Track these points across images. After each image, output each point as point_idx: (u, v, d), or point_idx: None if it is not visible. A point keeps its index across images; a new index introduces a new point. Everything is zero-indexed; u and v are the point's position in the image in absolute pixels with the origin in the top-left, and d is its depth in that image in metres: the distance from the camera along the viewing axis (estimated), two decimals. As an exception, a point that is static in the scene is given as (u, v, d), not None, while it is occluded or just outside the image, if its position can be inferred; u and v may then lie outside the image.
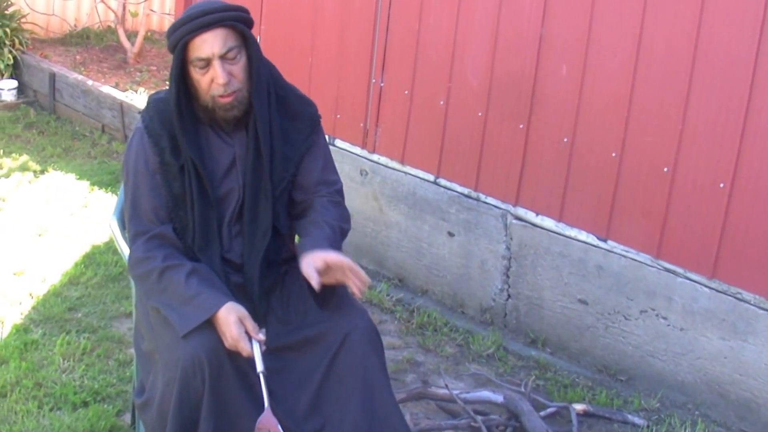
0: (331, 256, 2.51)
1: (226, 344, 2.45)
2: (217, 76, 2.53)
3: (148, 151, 2.61)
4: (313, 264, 2.49)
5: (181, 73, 2.56)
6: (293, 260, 2.74)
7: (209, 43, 2.52)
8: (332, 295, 2.63)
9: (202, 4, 2.57)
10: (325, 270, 2.50)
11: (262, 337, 2.47)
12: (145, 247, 2.58)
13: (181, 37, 2.53)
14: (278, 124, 2.68)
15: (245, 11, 2.62)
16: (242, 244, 2.68)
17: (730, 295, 3.53)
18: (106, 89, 6.79)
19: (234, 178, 2.67)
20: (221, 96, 2.56)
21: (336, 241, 2.65)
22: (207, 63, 2.53)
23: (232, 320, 2.44)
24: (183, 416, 2.45)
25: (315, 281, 2.47)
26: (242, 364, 2.50)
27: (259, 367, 2.44)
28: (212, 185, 2.63)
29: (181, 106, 2.58)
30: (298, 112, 2.76)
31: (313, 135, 2.78)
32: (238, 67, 2.57)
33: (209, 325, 2.46)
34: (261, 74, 2.62)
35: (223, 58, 2.53)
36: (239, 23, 2.57)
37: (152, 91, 6.95)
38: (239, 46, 2.57)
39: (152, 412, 2.52)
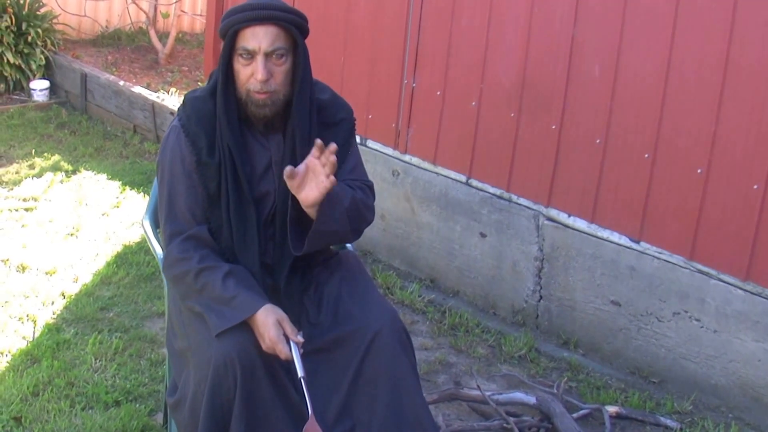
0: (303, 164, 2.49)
1: (264, 346, 2.44)
2: (256, 71, 2.52)
3: (184, 150, 2.60)
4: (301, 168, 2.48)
5: (228, 59, 2.56)
6: (326, 262, 2.74)
7: (258, 37, 2.52)
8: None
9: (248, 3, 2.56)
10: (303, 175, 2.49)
11: (300, 339, 2.46)
12: (181, 247, 2.57)
13: (234, 23, 2.52)
14: (316, 132, 2.66)
15: (304, 19, 2.60)
16: (274, 247, 2.68)
17: (764, 298, 3.49)
18: (138, 90, 6.83)
19: (270, 182, 2.66)
20: (257, 92, 2.55)
21: (345, 195, 2.61)
22: (251, 56, 2.52)
23: (271, 322, 2.44)
24: (215, 415, 2.45)
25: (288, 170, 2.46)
26: (275, 366, 2.50)
27: (300, 371, 2.43)
28: (250, 184, 2.62)
29: (226, 92, 2.57)
30: (336, 120, 2.74)
31: (347, 145, 2.75)
32: (281, 70, 2.56)
33: (243, 326, 2.46)
34: (305, 83, 2.61)
35: (268, 55, 2.53)
36: (294, 27, 2.56)
37: (184, 92, 6.99)
38: (287, 50, 2.56)
39: (184, 412, 2.53)
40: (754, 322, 3.52)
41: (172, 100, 6.71)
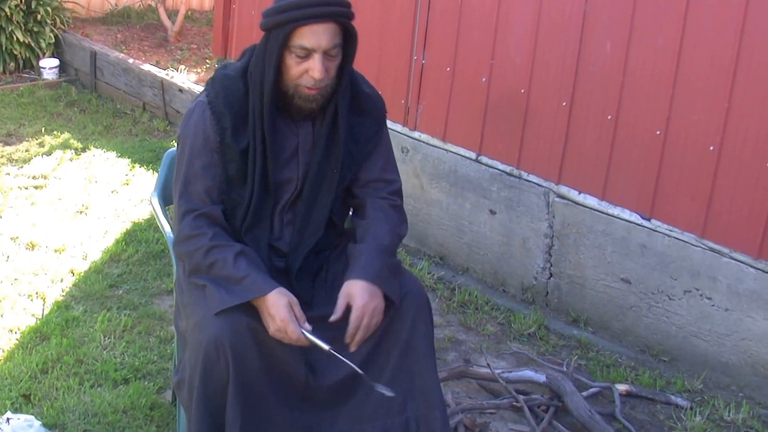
0: (356, 307, 2.46)
1: (273, 328, 2.40)
2: (314, 70, 2.46)
3: (208, 128, 2.54)
4: (343, 302, 2.48)
5: (280, 53, 2.48)
6: (339, 244, 2.73)
7: (318, 36, 2.45)
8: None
9: None
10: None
11: (308, 326, 2.42)
12: (194, 224, 2.53)
13: (290, 20, 2.44)
14: (349, 121, 2.63)
15: (351, 8, 2.56)
16: (292, 233, 2.65)
17: (777, 276, 3.47)
18: (147, 67, 6.81)
19: (294, 168, 2.62)
20: (308, 87, 2.49)
21: (382, 270, 2.56)
22: (308, 53, 2.46)
23: (283, 303, 2.40)
24: (207, 400, 2.43)
25: (334, 316, 2.47)
26: (270, 350, 2.46)
27: (324, 345, 2.39)
28: (274, 171, 2.58)
29: (277, 88, 2.51)
30: (368, 109, 2.70)
31: (379, 133, 2.73)
32: (333, 65, 2.51)
33: (236, 311, 2.42)
34: (349, 74, 2.58)
35: (325, 53, 2.47)
36: (349, 22, 2.52)
37: (194, 70, 6.98)
38: (340, 45, 2.52)
39: (184, 393, 2.51)
40: (766, 300, 3.50)
41: (182, 77, 6.69)
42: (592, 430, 3.18)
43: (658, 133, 3.71)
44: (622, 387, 3.52)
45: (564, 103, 3.99)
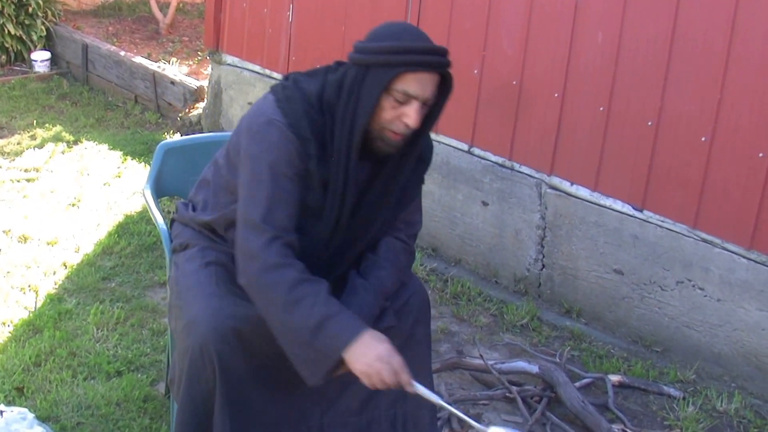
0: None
1: (385, 372, 2.24)
2: (410, 119, 2.36)
3: (292, 152, 2.39)
4: None
5: (379, 93, 2.36)
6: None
7: (423, 85, 2.36)
8: None
9: (424, 38, 2.41)
10: None
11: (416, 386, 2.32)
12: (282, 252, 2.35)
13: (401, 64, 2.32)
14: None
15: None
16: (327, 263, 2.57)
17: (769, 266, 3.48)
18: (139, 60, 6.80)
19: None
20: (396, 132, 2.41)
21: (372, 312, 2.51)
22: (407, 99, 2.36)
23: (393, 348, 2.29)
24: (194, 404, 2.42)
25: None
26: (255, 350, 2.44)
27: (438, 398, 2.30)
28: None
29: (371, 127, 2.40)
30: (426, 158, 2.63)
31: (423, 180, 2.67)
32: (424, 113, 2.43)
33: (221, 311, 2.38)
34: (432, 124, 2.50)
35: (423, 102, 2.39)
36: (450, 74, 2.44)
37: (185, 62, 6.96)
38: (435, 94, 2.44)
39: (175, 391, 2.50)
40: (759, 291, 3.51)
41: (173, 69, 6.68)
42: (585, 420, 3.18)
43: (649, 123, 3.71)
44: (614, 378, 3.53)
45: (556, 95, 3.99)
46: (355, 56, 2.40)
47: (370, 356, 2.24)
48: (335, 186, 2.45)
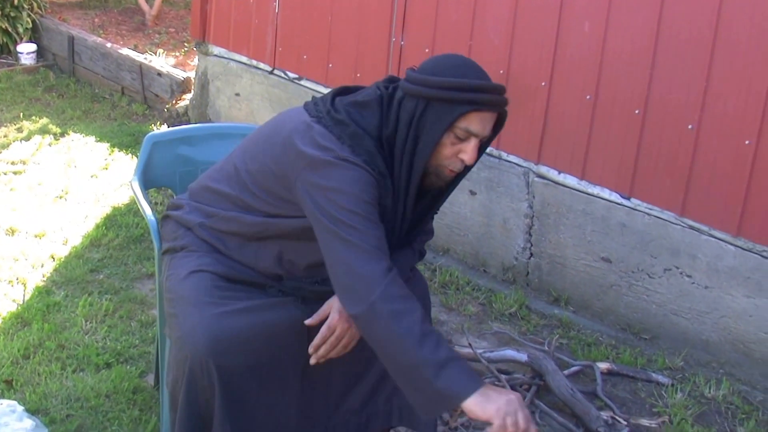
0: (331, 320, 2.40)
1: (519, 414, 2.11)
2: (468, 157, 2.35)
3: (373, 186, 2.33)
4: (325, 310, 2.42)
5: (443, 131, 2.33)
6: None
7: (484, 123, 2.35)
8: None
9: (486, 75, 2.38)
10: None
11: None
12: (400, 282, 2.25)
13: (468, 102, 2.30)
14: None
15: None
16: None
17: (755, 253, 3.49)
18: (125, 52, 6.77)
19: None
20: (451, 170, 2.40)
21: None
22: (467, 137, 2.35)
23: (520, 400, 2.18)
24: (194, 415, 2.40)
25: (310, 320, 2.43)
26: (257, 357, 2.42)
27: None
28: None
29: (428, 163, 2.38)
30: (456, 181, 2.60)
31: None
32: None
33: (220, 320, 2.36)
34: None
35: (482, 140, 2.39)
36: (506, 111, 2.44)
37: (172, 53, 6.94)
38: None
39: (170, 392, 2.47)
40: (746, 277, 3.53)
41: (160, 61, 6.65)
42: (574, 408, 3.20)
43: (636, 112, 3.72)
44: (603, 365, 3.54)
45: (543, 83, 4.00)
46: (414, 88, 2.34)
47: (503, 399, 2.11)
48: (393, 221, 2.44)
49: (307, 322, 2.43)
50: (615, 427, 3.13)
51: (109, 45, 6.92)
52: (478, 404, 2.10)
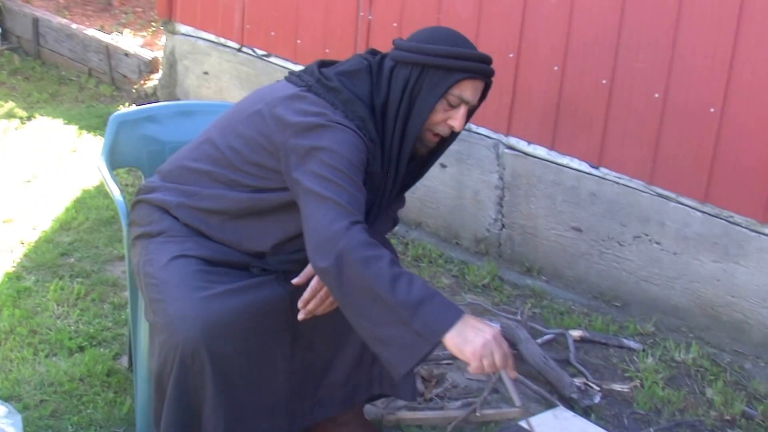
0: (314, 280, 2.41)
1: (498, 355, 2.13)
2: (458, 123, 2.43)
3: (363, 152, 2.36)
4: (311, 269, 2.40)
5: (438, 97, 2.40)
6: None
7: (475, 91, 2.44)
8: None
9: (474, 47, 2.46)
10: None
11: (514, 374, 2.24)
12: (367, 233, 2.22)
13: (463, 70, 2.39)
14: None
15: None
16: None
17: (722, 219, 3.53)
18: (91, 32, 6.70)
19: None
20: (436, 134, 2.47)
21: None
22: (458, 104, 2.43)
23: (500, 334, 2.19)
24: (183, 400, 2.39)
25: (297, 279, 2.43)
26: (247, 338, 2.41)
27: (519, 400, 2.29)
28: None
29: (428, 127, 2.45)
30: (439, 152, 2.66)
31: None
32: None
33: (204, 307, 2.34)
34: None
35: (470, 108, 2.47)
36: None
37: (139, 33, 6.88)
38: None
39: (155, 380, 2.46)
40: (713, 243, 3.56)
41: (127, 41, 6.60)
42: (547, 375, 3.23)
43: (604, 82, 3.73)
44: (575, 333, 3.58)
45: (511, 55, 4.00)
46: (409, 56, 2.41)
47: (480, 340, 2.10)
48: (382, 188, 2.47)
49: (295, 281, 2.43)
50: (588, 392, 3.16)
51: (74, 26, 6.85)
52: (455, 346, 2.11)
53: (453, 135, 2.54)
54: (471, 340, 2.10)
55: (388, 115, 2.43)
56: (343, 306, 2.23)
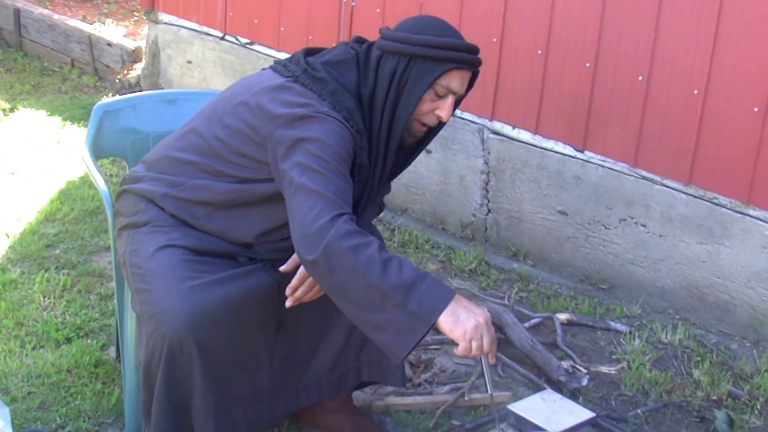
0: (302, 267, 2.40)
1: (487, 339, 2.17)
2: (445, 113, 2.44)
3: (349, 143, 2.36)
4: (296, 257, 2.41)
5: (426, 87, 2.40)
6: None
7: (462, 81, 2.45)
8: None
9: (461, 37, 2.45)
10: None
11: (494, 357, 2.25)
12: (353, 224, 2.22)
13: (451, 60, 2.39)
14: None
15: None
16: None
17: (706, 201, 3.54)
18: (74, 23, 6.66)
19: None
20: (423, 124, 2.47)
21: None
22: (446, 94, 2.43)
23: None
24: (172, 391, 2.40)
25: (284, 267, 2.43)
26: (233, 326, 2.41)
27: (490, 388, 2.30)
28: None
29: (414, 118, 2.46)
30: (426, 142, 2.65)
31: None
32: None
33: (191, 297, 2.34)
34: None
35: (457, 98, 2.47)
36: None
37: (121, 23, 6.85)
38: None
39: (143, 370, 2.46)
40: (698, 224, 3.57)
41: (110, 31, 6.57)
42: (535, 359, 3.24)
43: (587, 65, 3.74)
44: (562, 316, 3.59)
45: (494, 40, 4.00)
46: (397, 46, 2.40)
47: (472, 322, 2.14)
48: (370, 179, 2.47)
49: (282, 268, 2.43)
50: (575, 375, 3.17)
51: (56, 16, 6.80)
52: (447, 325, 2.14)
53: (440, 124, 2.54)
54: (463, 321, 2.13)
55: (376, 105, 2.43)
56: (335, 296, 2.23)
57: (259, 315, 2.50)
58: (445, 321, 2.14)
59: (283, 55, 4.59)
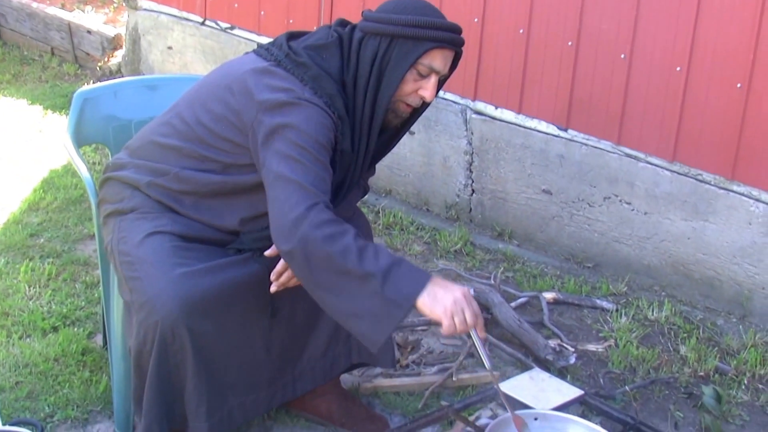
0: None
1: (469, 316, 2.16)
2: (428, 93, 2.41)
3: (330, 129, 2.34)
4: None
5: (408, 67, 2.38)
6: None
7: (445, 61, 2.42)
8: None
9: (443, 16, 2.43)
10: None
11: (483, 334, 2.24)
12: (330, 213, 2.22)
13: (433, 39, 2.36)
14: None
15: None
16: None
17: (691, 177, 3.55)
18: (53, 11, 6.61)
19: None
20: (408, 105, 2.45)
21: None
22: (428, 74, 2.41)
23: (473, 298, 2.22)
24: (164, 379, 2.39)
25: (269, 251, 2.43)
26: (226, 314, 2.41)
27: (488, 363, 2.23)
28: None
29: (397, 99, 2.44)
30: (410, 123, 2.64)
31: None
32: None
33: (183, 284, 2.33)
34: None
35: (441, 78, 2.45)
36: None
37: (101, 10, 6.80)
38: None
39: (134, 358, 2.44)
40: (682, 201, 3.59)
41: (89, 18, 6.52)
42: (522, 338, 3.25)
43: (569, 44, 3.73)
44: (549, 295, 3.60)
45: (476, 20, 3.99)
46: (378, 26, 2.39)
47: (450, 298, 2.15)
48: (353, 163, 2.46)
49: (267, 252, 2.43)
50: (563, 354, 3.18)
51: (35, 5, 6.75)
52: (426, 305, 2.15)
53: (424, 105, 2.53)
54: (441, 299, 2.14)
55: (358, 87, 2.42)
56: (310, 286, 2.24)
57: (251, 303, 2.49)
58: (423, 302, 2.15)
59: (264, 40, 4.56)
